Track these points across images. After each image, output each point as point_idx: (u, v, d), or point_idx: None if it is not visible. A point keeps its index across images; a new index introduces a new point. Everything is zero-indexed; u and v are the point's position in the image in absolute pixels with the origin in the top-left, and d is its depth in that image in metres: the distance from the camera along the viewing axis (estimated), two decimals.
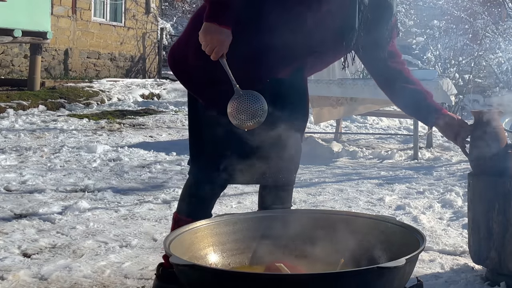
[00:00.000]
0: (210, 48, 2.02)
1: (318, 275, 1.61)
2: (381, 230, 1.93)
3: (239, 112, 2.02)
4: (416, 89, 2.34)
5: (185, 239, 1.85)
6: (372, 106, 7.03)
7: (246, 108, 2.03)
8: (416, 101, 2.33)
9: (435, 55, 11.15)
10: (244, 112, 2.03)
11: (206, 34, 2.02)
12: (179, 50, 2.30)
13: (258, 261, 1.98)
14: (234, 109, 2.03)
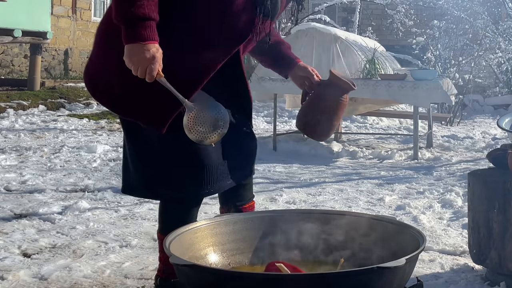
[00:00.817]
0: (141, 70, 1.84)
1: (318, 275, 1.61)
2: (381, 230, 1.93)
3: (197, 127, 1.90)
4: (274, 40, 2.24)
5: (185, 239, 1.85)
6: (372, 106, 7.04)
7: (204, 121, 1.90)
8: (273, 53, 2.26)
9: (435, 55, 11.15)
10: (203, 125, 1.90)
11: (132, 57, 1.83)
12: (96, 72, 2.06)
13: (258, 261, 1.98)
14: (191, 125, 1.89)
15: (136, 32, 1.81)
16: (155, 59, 1.83)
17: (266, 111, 9.40)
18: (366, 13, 16.09)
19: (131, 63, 1.83)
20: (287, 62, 2.30)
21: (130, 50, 1.83)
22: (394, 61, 10.55)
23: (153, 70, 1.84)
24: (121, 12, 1.83)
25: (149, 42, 1.82)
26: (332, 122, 2.21)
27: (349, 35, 10.20)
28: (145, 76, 1.85)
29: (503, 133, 7.44)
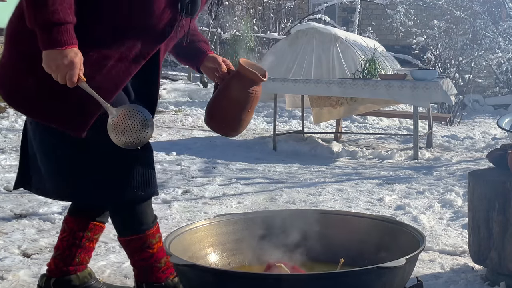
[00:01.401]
0: (61, 76, 1.78)
1: (318, 275, 1.61)
2: (381, 230, 1.93)
3: (122, 131, 1.87)
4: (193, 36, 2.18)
5: (185, 239, 1.85)
6: (372, 106, 7.03)
7: (129, 126, 1.87)
8: (186, 47, 2.16)
9: (435, 55, 11.15)
10: (128, 130, 1.88)
11: (50, 64, 1.77)
12: (9, 76, 1.96)
13: (258, 261, 1.98)
14: (116, 130, 1.86)
15: (52, 38, 1.75)
16: (74, 64, 1.77)
17: (266, 111, 9.40)
18: (366, 13, 16.08)
19: (50, 69, 1.78)
20: (197, 54, 2.19)
21: (47, 57, 1.77)
22: (394, 61, 10.57)
23: (73, 76, 1.78)
24: (35, 18, 1.76)
25: (66, 47, 1.76)
26: (240, 116, 2.06)
27: (349, 35, 10.21)
28: (66, 83, 1.79)
29: (503, 133, 7.44)
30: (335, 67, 9.36)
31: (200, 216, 3.72)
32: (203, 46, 2.20)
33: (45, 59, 1.78)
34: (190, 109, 9.76)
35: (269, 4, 14.76)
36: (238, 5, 13.93)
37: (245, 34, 11.17)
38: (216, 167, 5.41)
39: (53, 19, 1.74)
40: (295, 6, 15.77)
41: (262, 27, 13.89)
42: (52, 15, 1.74)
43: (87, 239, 2.32)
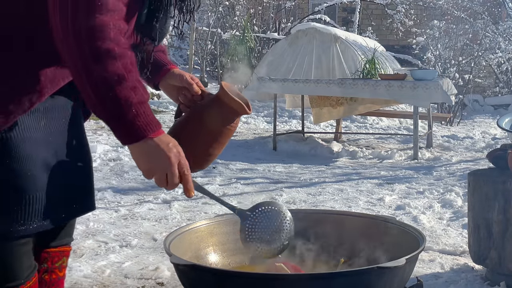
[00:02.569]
0: (171, 180, 1.41)
1: (318, 275, 1.60)
2: (381, 230, 1.93)
3: (254, 239, 1.60)
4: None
5: (185, 239, 1.85)
6: (372, 106, 7.04)
7: (262, 234, 1.60)
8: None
9: (435, 55, 11.15)
10: (261, 238, 1.60)
11: (150, 161, 1.38)
12: None
13: (258, 261, 1.98)
14: (247, 237, 1.60)
15: (144, 123, 1.34)
16: (179, 157, 1.41)
17: (266, 111, 9.40)
18: (366, 13, 16.09)
19: (151, 171, 1.41)
20: (155, 68, 1.69)
21: (143, 152, 1.38)
22: (394, 61, 10.56)
23: (187, 175, 1.43)
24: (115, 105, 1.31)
25: (159, 132, 1.38)
26: (210, 151, 1.65)
27: (349, 35, 10.21)
28: (176, 185, 1.42)
29: (503, 133, 7.44)
30: (335, 67, 9.36)
31: (200, 216, 3.73)
32: (161, 58, 1.73)
33: (139, 156, 1.39)
34: None
35: (269, 4, 14.76)
36: (238, 5, 13.93)
37: (245, 34, 11.16)
38: (216, 167, 5.42)
39: (142, 98, 1.34)
40: (295, 6, 15.77)
41: (262, 27, 13.89)
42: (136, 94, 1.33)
43: (44, 272, 1.70)
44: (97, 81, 1.29)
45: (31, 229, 1.47)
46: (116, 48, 1.29)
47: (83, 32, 1.28)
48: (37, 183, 1.47)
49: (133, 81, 1.32)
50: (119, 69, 1.29)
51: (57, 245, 1.73)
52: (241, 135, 7.60)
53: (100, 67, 1.28)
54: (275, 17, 14.70)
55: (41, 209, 1.48)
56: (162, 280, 2.64)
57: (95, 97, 1.31)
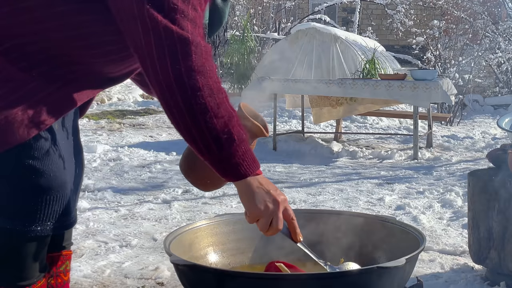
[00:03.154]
0: (276, 225, 1.42)
1: (318, 275, 1.60)
2: (381, 230, 1.93)
3: None
4: None
5: (185, 239, 1.85)
6: (372, 106, 7.04)
7: None
8: None
9: (435, 55, 11.15)
10: None
11: (254, 196, 1.38)
12: None
13: (258, 261, 1.97)
14: None
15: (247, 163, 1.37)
16: (284, 199, 1.41)
17: (266, 111, 9.39)
18: (366, 13, 16.09)
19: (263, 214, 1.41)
20: None
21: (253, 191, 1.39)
22: (394, 61, 10.57)
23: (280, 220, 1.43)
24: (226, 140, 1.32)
25: (259, 171, 1.40)
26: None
27: (349, 35, 10.21)
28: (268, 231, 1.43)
29: (503, 133, 7.44)
30: (335, 67, 9.36)
31: (200, 216, 3.73)
32: None
33: (249, 197, 1.40)
34: None
35: (269, 4, 14.77)
36: (238, 5, 13.93)
37: (245, 34, 11.16)
38: None
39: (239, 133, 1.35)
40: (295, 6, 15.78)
41: (262, 27, 13.90)
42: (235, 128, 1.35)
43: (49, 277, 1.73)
44: (213, 118, 1.30)
45: (48, 230, 1.51)
46: (219, 85, 1.32)
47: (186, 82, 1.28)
48: (57, 184, 1.51)
49: (237, 117, 1.34)
50: (229, 107, 1.32)
51: (59, 249, 1.76)
52: None
53: (214, 103, 1.29)
54: (275, 17, 14.71)
55: (59, 210, 1.52)
56: (162, 280, 2.64)
57: (210, 135, 1.31)
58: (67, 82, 1.49)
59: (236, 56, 11.06)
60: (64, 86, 1.49)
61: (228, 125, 1.31)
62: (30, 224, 1.48)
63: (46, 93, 1.46)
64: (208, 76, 1.30)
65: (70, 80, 1.49)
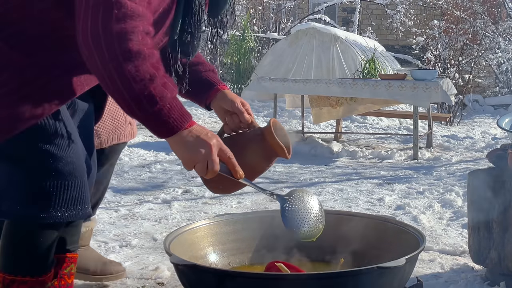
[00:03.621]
0: (212, 167, 1.46)
1: (318, 275, 1.61)
2: (381, 230, 1.93)
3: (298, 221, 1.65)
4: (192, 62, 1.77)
5: (185, 239, 1.85)
6: (372, 106, 7.04)
7: (298, 216, 1.65)
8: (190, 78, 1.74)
9: (435, 55, 11.16)
10: (304, 217, 1.66)
11: (191, 151, 1.43)
12: None
13: (258, 261, 1.98)
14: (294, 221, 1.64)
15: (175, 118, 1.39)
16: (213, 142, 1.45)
17: (266, 111, 9.40)
18: (366, 13, 16.10)
19: (192, 161, 1.45)
20: (205, 87, 1.76)
21: (180, 143, 1.43)
22: (394, 61, 10.58)
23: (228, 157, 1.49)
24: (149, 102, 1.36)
25: (190, 123, 1.44)
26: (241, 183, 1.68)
27: (349, 35, 10.22)
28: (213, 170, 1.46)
29: (503, 133, 7.44)
30: (335, 67, 9.37)
31: (200, 216, 3.72)
32: (211, 77, 1.79)
33: (178, 148, 1.44)
34: (190, 109, 9.76)
35: (269, 4, 14.77)
36: (238, 5, 13.93)
37: (245, 34, 11.16)
38: None
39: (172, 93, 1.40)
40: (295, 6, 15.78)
41: (262, 27, 13.90)
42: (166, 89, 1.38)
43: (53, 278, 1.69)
44: (130, 81, 1.34)
45: (66, 216, 1.51)
46: (145, 49, 1.34)
47: (115, 35, 1.32)
48: (76, 171, 1.52)
49: (163, 77, 1.37)
50: (150, 68, 1.35)
51: (65, 251, 1.75)
52: None
53: (132, 67, 1.33)
54: (275, 17, 14.71)
55: (76, 197, 1.52)
56: (162, 280, 2.64)
57: (130, 97, 1.35)
58: (69, 67, 1.50)
59: (236, 56, 11.05)
60: (66, 71, 1.50)
61: (148, 87, 1.34)
62: (45, 211, 1.48)
63: (49, 78, 1.47)
64: (128, 39, 1.33)
65: (72, 66, 1.50)
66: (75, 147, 1.54)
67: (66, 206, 1.50)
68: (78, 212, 1.53)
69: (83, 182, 1.54)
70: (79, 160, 1.53)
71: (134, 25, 1.34)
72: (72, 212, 1.52)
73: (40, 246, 1.53)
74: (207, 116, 9.08)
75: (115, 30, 1.32)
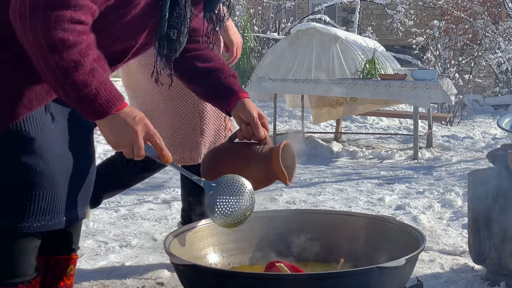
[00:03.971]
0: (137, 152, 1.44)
1: (318, 275, 1.61)
2: (381, 230, 1.93)
3: (219, 209, 1.61)
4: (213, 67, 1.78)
5: (185, 239, 1.85)
6: (372, 106, 7.04)
7: (226, 203, 1.62)
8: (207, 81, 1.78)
9: (435, 55, 11.15)
10: (225, 207, 1.62)
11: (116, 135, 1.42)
12: None
13: (258, 261, 1.98)
14: (220, 209, 1.61)
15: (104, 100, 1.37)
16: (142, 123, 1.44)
17: (266, 111, 9.40)
18: (366, 13, 16.09)
19: (118, 142, 1.44)
20: (226, 94, 1.75)
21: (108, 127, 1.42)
22: (394, 61, 10.58)
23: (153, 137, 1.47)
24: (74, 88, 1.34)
25: (122, 105, 1.41)
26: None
27: (349, 35, 10.22)
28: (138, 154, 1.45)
29: (503, 133, 7.44)
30: (335, 67, 9.37)
31: None
32: (232, 84, 1.77)
33: (104, 131, 1.43)
34: None
35: (269, 4, 14.77)
36: (238, 5, 13.93)
37: (245, 34, 11.16)
38: None
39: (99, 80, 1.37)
40: (295, 6, 15.77)
41: (262, 27, 13.89)
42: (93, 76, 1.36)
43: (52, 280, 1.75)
44: (54, 69, 1.33)
45: (35, 227, 1.49)
46: (70, 37, 1.32)
47: (40, 21, 1.31)
48: (45, 181, 1.49)
49: (90, 63, 1.35)
50: (75, 56, 1.33)
51: (65, 252, 1.75)
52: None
53: (56, 56, 1.32)
54: (275, 17, 14.70)
55: (47, 208, 1.50)
56: (162, 280, 2.64)
57: (55, 83, 1.35)
58: (34, 73, 1.43)
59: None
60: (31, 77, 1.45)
61: (72, 75, 1.33)
62: (18, 221, 1.46)
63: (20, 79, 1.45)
64: (52, 27, 1.31)
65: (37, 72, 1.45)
66: (47, 155, 1.50)
67: (33, 216, 1.48)
68: (47, 223, 1.50)
69: (53, 192, 1.51)
70: (49, 169, 1.50)
71: (61, 13, 1.31)
72: (40, 223, 1.49)
73: (17, 256, 1.51)
74: None
75: (40, 16, 1.30)
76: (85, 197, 1.65)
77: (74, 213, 1.60)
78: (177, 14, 1.51)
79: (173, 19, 1.51)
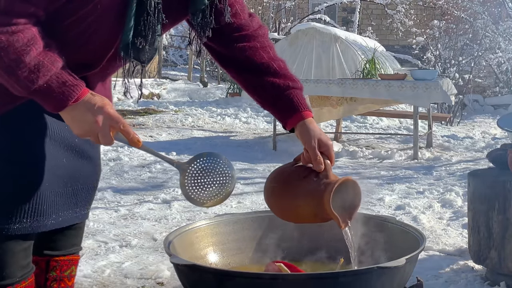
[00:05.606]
0: (103, 140, 1.39)
1: (318, 275, 1.61)
2: (381, 230, 1.93)
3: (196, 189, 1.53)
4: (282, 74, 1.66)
5: (185, 239, 1.85)
6: (372, 106, 7.04)
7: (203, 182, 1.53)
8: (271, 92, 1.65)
9: (435, 55, 11.16)
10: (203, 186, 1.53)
11: (79, 126, 1.37)
12: None
13: (258, 261, 1.98)
14: (189, 188, 1.53)
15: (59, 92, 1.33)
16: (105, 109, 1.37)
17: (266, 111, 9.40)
18: (366, 13, 16.10)
19: (82, 130, 1.38)
20: (288, 108, 1.62)
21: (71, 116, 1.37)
22: (394, 61, 10.57)
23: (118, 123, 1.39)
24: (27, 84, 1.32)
25: (82, 93, 1.36)
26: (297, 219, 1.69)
27: (349, 35, 10.21)
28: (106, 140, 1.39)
29: (503, 133, 7.44)
30: (335, 67, 9.37)
31: (200, 216, 3.72)
32: (297, 98, 1.62)
33: (68, 119, 1.39)
34: (190, 109, 9.77)
35: (269, 4, 14.77)
36: None
37: None
38: None
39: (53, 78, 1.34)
40: (295, 6, 15.78)
41: None
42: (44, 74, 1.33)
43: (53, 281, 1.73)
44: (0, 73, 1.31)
45: (25, 228, 1.48)
46: (3, 38, 1.29)
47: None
48: (38, 182, 1.48)
49: (34, 58, 1.31)
50: (13, 55, 1.29)
51: (66, 253, 1.74)
52: (241, 135, 7.60)
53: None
54: (275, 17, 14.71)
55: (38, 209, 1.48)
56: (162, 280, 2.64)
57: (7, 83, 1.33)
58: None
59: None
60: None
61: (16, 74, 1.30)
62: (6, 221, 1.45)
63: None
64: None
65: None
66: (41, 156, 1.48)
67: (19, 218, 1.46)
68: (30, 225, 1.48)
69: (36, 194, 1.48)
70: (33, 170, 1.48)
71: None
72: (21, 225, 1.47)
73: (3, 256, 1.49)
74: (206, 116, 9.08)
75: None
76: (84, 199, 1.64)
77: (66, 215, 1.58)
78: (144, 22, 1.41)
79: (140, 26, 1.41)
